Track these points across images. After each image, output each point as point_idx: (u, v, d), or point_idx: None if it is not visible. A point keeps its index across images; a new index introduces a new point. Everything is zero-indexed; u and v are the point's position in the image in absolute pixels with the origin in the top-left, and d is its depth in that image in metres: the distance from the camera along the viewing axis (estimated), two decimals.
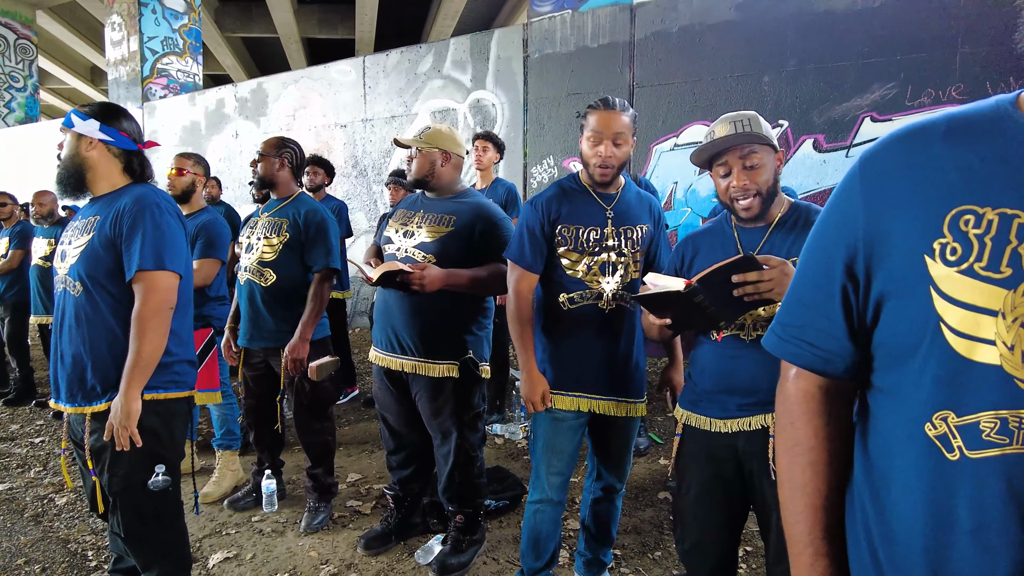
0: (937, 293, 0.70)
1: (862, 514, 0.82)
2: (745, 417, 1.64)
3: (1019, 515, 0.66)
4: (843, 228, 0.80)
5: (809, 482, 0.85)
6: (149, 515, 1.88)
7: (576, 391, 2.08)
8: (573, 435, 2.11)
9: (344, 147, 7.23)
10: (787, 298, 0.90)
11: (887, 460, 0.78)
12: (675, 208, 5.28)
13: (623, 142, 1.99)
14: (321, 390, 2.85)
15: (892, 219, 0.75)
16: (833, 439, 0.86)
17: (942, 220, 0.71)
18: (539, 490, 2.13)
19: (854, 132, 4.58)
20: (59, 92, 20.95)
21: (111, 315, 1.82)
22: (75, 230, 1.90)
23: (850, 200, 0.80)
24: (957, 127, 0.74)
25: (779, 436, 0.90)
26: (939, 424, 0.71)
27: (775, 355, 0.90)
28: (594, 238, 2.04)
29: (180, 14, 9.33)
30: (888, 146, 0.78)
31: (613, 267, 2.04)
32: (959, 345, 0.69)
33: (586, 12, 5.58)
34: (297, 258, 2.77)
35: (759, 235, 1.66)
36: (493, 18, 14.99)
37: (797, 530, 0.86)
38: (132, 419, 1.76)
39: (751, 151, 1.59)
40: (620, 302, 2.05)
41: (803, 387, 0.87)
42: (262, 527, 2.88)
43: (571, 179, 2.14)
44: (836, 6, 4.57)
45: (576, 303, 2.05)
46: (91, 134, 1.87)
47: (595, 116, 1.98)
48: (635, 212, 2.10)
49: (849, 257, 0.79)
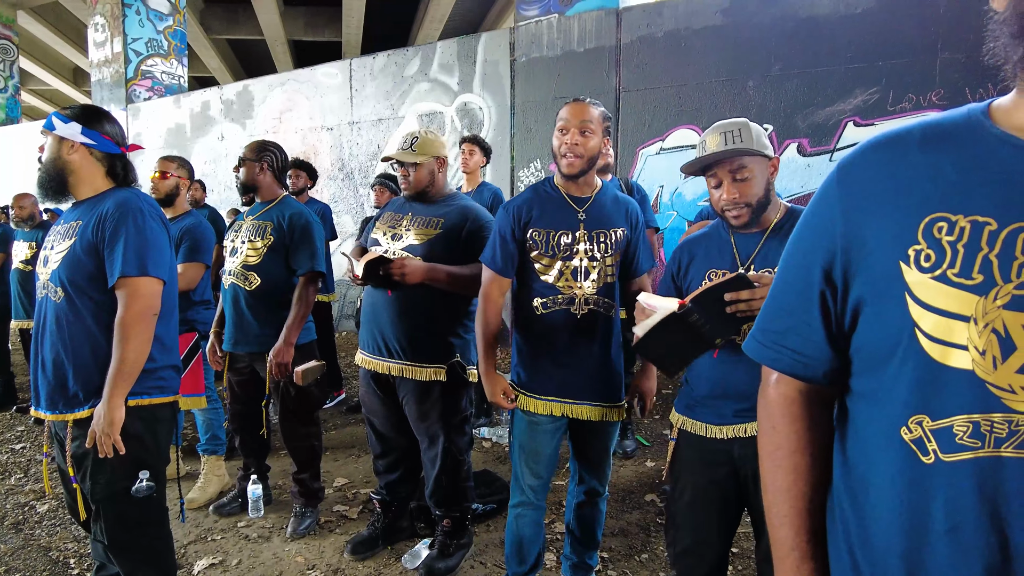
0: (912, 299, 0.71)
1: (841, 517, 0.83)
2: (741, 424, 1.65)
3: (991, 516, 0.67)
4: (821, 234, 0.81)
5: (793, 485, 0.86)
6: (133, 522, 1.85)
7: (549, 395, 2.06)
8: (550, 439, 2.10)
9: (331, 150, 7.20)
10: (767, 304, 0.90)
11: (865, 464, 0.80)
12: (661, 211, 5.31)
13: (591, 133, 1.98)
14: (307, 395, 2.84)
15: (869, 225, 0.76)
16: (815, 443, 0.87)
17: (917, 227, 0.72)
18: (519, 493, 2.13)
19: (837, 136, 4.63)
20: (41, 94, 20.69)
21: (93, 321, 1.79)
22: (57, 235, 1.87)
23: (828, 206, 0.81)
24: (931, 135, 0.75)
25: (762, 440, 0.91)
26: (915, 428, 0.72)
27: (756, 360, 0.91)
28: (565, 242, 2.02)
29: (165, 15, 9.26)
30: (865, 153, 0.80)
31: (586, 271, 2.02)
32: (933, 350, 0.70)
33: (573, 16, 5.60)
34: (282, 261, 2.76)
35: (755, 241, 1.67)
36: (480, 21, 15.02)
37: (782, 534, 0.87)
38: (115, 426, 1.73)
39: (740, 164, 1.60)
40: (593, 307, 2.03)
41: (784, 392, 0.88)
42: (248, 533, 2.86)
43: (546, 183, 2.13)
44: (819, 12, 4.62)
45: (549, 308, 2.04)
46: (73, 137, 1.85)
47: (563, 108, 2.01)
48: (609, 216, 2.08)
49: (827, 263, 0.80)
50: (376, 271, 2.26)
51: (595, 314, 2.04)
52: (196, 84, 14.59)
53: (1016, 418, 0.66)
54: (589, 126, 1.98)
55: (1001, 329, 0.66)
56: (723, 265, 1.70)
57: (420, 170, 2.45)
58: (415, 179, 2.45)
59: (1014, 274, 0.66)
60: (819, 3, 4.62)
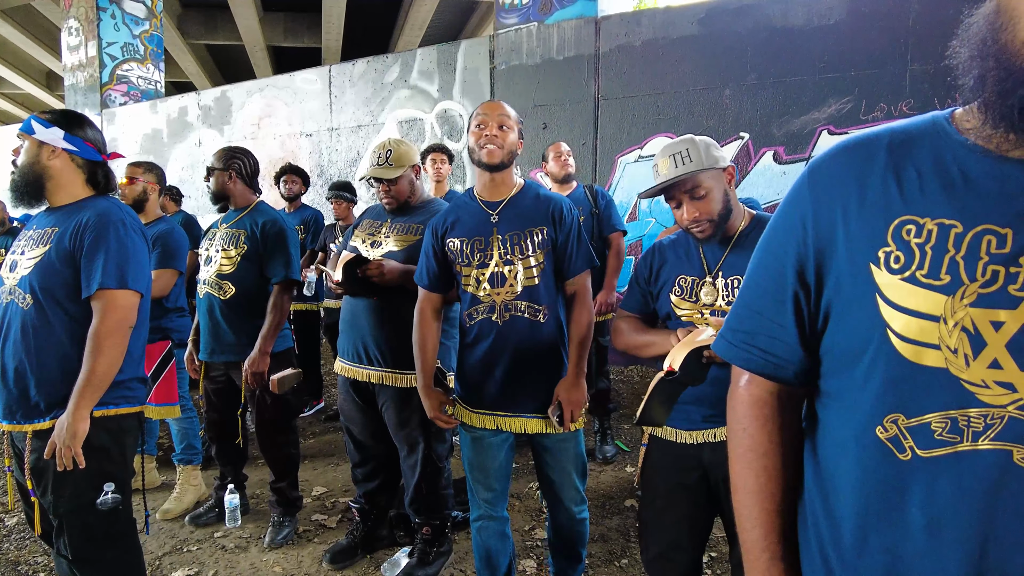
0: (883, 300, 0.73)
1: (813, 519, 0.84)
2: (710, 428, 1.67)
3: (969, 509, 0.69)
4: (793, 235, 0.83)
5: (764, 487, 0.87)
6: (99, 535, 1.80)
7: (484, 408, 2.03)
8: (496, 452, 2.05)
9: (310, 156, 7.16)
10: (737, 303, 0.91)
11: (835, 464, 0.80)
12: (640, 219, 5.35)
13: (508, 128, 1.99)
14: (283, 403, 2.81)
15: (838, 227, 0.78)
16: (786, 444, 0.88)
17: (886, 229, 0.74)
18: (476, 507, 2.10)
19: (812, 144, 4.70)
20: (12, 97, 20.30)
21: (63, 330, 1.75)
22: (30, 240, 1.83)
23: (799, 207, 0.83)
24: (898, 140, 0.77)
25: (732, 442, 0.92)
26: (890, 427, 0.73)
27: (725, 360, 0.92)
28: (479, 248, 1.99)
29: (141, 20, 9.13)
30: (835, 156, 0.81)
31: (502, 277, 1.97)
32: (905, 350, 0.71)
33: (552, 25, 5.64)
34: (256, 270, 2.73)
35: (721, 248, 1.70)
36: (460, 29, 15.04)
37: (753, 535, 0.87)
38: (78, 439, 1.68)
39: (695, 184, 1.62)
40: (515, 312, 1.96)
41: (755, 393, 0.89)
42: (225, 543, 2.82)
43: (466, 194, 2.12)
44: (793, 23, 4.71)
45: (474, 318, 2.01)
46: (54, 142, 1.81)
47: (479, 107, 2.02)
48: (526, 216, 2.00)
49: (800, 264, 0.81)
50: (354, 272, 2.25)
51: (518, 320, 1.97)
52: (173, 89, 14.41)
53: (991, 411, 0.68)
54: (507, 121, 1.99)
55: (970, 327, 0.68)
56: (691, 272, 1.73)
57: (400, 182, 2.43)
58: (396, 192, 2.43)
59: (979, 273, 0.68)
60: (792, 14, 4.70)
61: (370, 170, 2.42)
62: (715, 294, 1.68)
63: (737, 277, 1.66)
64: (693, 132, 5.04)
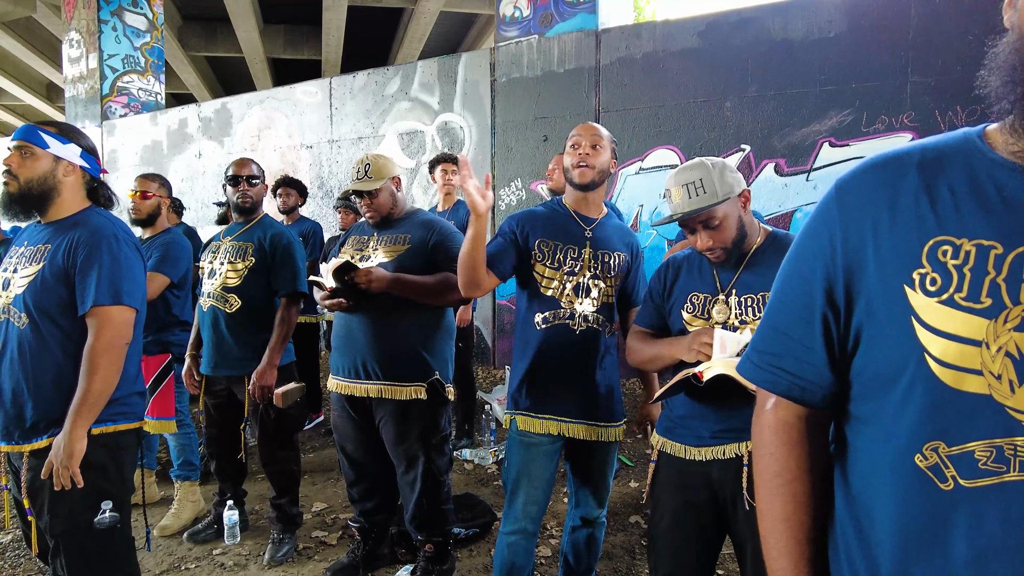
0: (919, 323, 0.70)
1: (845, 548, 0.81)
2: (719, 445, 1.64)
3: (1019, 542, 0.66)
4: (821, 255, 0.80)
5: (792, 514, 0.84)
6: (97, 556, 1.76)
7: (547, 414, 2.06)
8: (548, 461, 2.08)
9: (310, 168, 7.16)
10: (763, 325, 0.88)
11: (870, 492, 0.78)
12: (641, 231, 5.34)
13: (601, 148, 2.05)
14: (286, 417, 2.78)
15: (869, 247, 0.75)
16: (814, 470, 0.85)
17: (920, 250, 0.71)
18: (513, 520, 2.06)
19: (814, 156, 4.70)
20: (13, 109, 20.34)
21: (59, 349, 1.72)
22: (22, 258, 1.79)
23: (827, 225, 0.80)
24: (929, 158, 0.75)
25: (759, 467, 0.88)
26: (930, 455, 0.70)
27: (751, 382, 0.89)
28: (571, 256, 2.06)
29: (142, 32, 9.16)
30: (863, 174, 0.79)
31: (587, 289, 2.05)
32: (946, 375, 0.69)
33: (553, 37, 5.66)
34: (263, 283, 2.72)
35: (734, 269, 1.70)
36: (460, 41, 15.12)
37: (781, 564, 0.84)
38: (75, 459, 1.65)
39: (709, 216, 1.60)
40: (591, 324, 2.05)
41: (782, 416, 0.86)
42: (223, 560, 2.78)
43: (555, 202, 2.18)
44: (793, 35, 4.72)
45: (549, 323, 2.05)
46: (72, 159, 1.80)
47: (575, 129, 2.09)
48: (613, 240, 2.13)
49: (828, 285, 0.79)
50: (342, 278, 2.25)
51: (593, 332, 2.05)
52: (173, 101, 14.45)
53: None
54: (600, 141, 2.05)
55: (1015, 352, 0.66)
56: (704, 289, 1.72)
57: (381, 194, 2.45)
58: (378, 204, 2.46)
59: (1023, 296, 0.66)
60: (793, 27, 4.72)
61: (351, 184, 2.47)
62: (727, 312, 1.66)
63: (750, 295, 1.64)
64: (694, 144, 5.09)
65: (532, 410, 2.07)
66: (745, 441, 1.60)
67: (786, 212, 4.79)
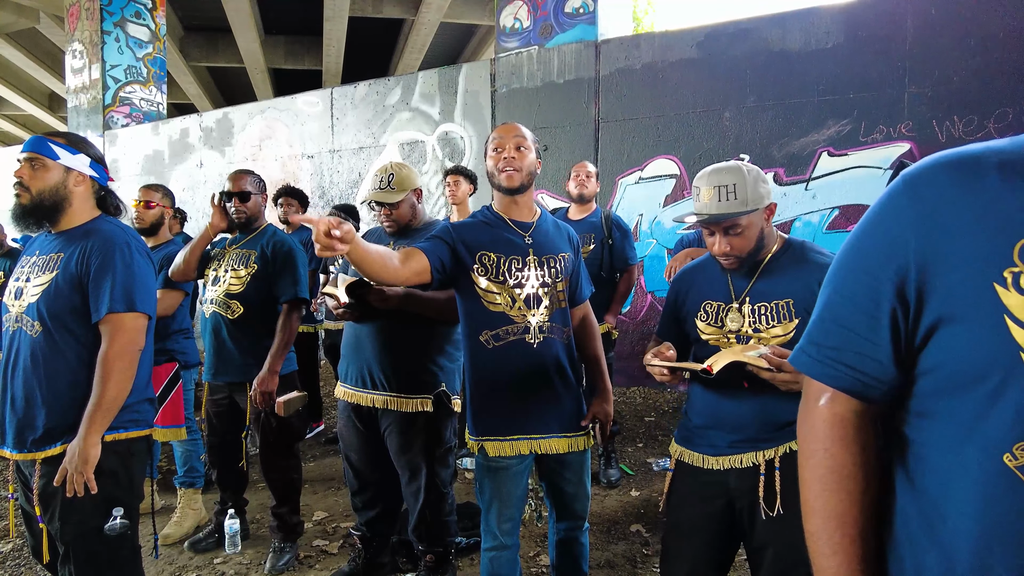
0: (1014, 322, 0.69)
1: (911, 547, 0.80)
2: (736, 455, 1.64)
3: None
4: (891, 249, 0.78)
5: (847, 511, 0.83)
6: (104, 563, 1.77)
7: (514, 434, 1.99)
8: (519, 480, 2.03)
9: (311, 178, 7.19)
10: (821, 317, 0.87)
11: (944, 490, 0.76)
12: (641, 240, 5.36)
13: (526, 149, 1.99)
14: (288, 427, 2.79)
15: (949, 244, 0.74)
16: (868, 465, 0.84)
17: (1011, 249, 0.70)
18: (491, 537, 2.04)
19: (812, 166, 4.74)
20: (15, 119, 20.43)
21: (74, 356, 1.74)
22: (35, 267, 1.81)
23: (898, 221, 0.78)
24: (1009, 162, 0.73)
25: (810, 462, 0.86)
26: (1020, 455, 0.69)
27: (808, 376, 0.87)
28: (516, 268, 1.98)
29: (144, 43, 9.23)
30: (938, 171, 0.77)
31: (538, 299, 1.98)
32: None
33: (552, 48, 5.71)
34: (265, 289, 2.74)
35: (748, 277, 1.68)
36: (460, 52, 15.23)
37: (833, 562, 0.83)
38: (89, 465, 1.67)
39: (734, 223, 1.59)
40: (548, 334, 1.97)
41: (838, 411, 0.84)
42: (224, 569, 2.78)
43: (485, 209, 2.10)
44: (791, 46, 4.77)
45: (501, 340, 1.96)
46: (82, 170, 1.82)
47: (495, 131, 2.03)
48: (554, 241, 2.07)
49: (899, 279, 0.77)
50: (354, 293, 2.25)
51: (551, 341, 1.99)
52: (175, 111, 14.54)
53: None
54: (524, 142, 1.99)
55: None
56: (718, 298, 1.71)
57: (402, 206, 2.43)
58: (398, 215, 2.44)
59: None
60: (791, 38, 4.77)
61: (371, 194, 2.42)
62: (741, 320, 1.65)
63: (764, 304, 1.63)
64: (693, 154, 5.12)
65: (500, 433, 1.99)
66: (760, 450, 1.60)
67: (785, 221, 4.82)
